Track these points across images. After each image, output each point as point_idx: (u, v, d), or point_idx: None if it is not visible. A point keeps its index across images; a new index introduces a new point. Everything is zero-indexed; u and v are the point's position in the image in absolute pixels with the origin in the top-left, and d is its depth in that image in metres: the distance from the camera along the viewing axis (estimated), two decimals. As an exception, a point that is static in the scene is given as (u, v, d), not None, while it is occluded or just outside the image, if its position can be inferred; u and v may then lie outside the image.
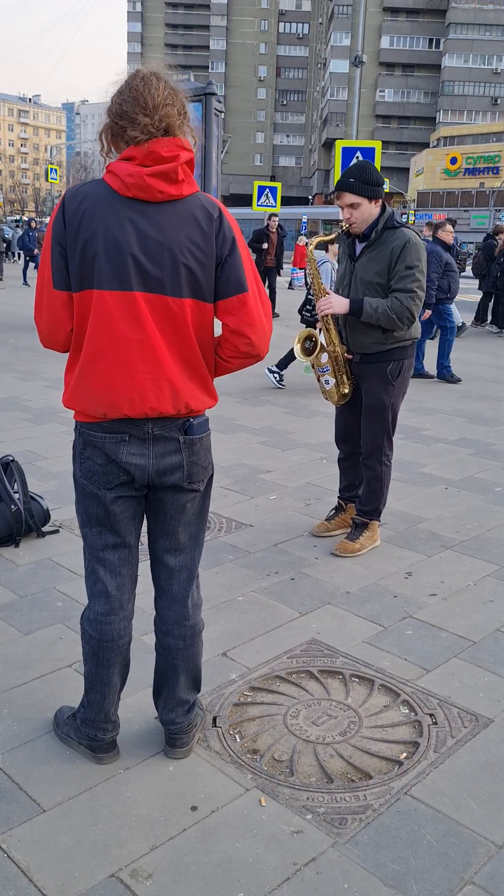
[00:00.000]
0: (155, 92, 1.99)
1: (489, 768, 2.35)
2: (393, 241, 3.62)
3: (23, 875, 1.93)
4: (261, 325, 2.11)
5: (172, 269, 2.01)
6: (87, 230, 1.98)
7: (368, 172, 3.62)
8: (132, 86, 2.00)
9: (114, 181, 2.00)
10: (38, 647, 2.97)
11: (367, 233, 3.69)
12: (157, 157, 1.98)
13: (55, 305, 2.07)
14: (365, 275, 3.71)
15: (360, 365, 3.83)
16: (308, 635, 3.10)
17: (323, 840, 2.06)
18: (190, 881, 1.92)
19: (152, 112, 1.98)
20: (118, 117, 2.01)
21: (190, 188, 2.05)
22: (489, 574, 3.73)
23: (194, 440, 2.16)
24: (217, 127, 11.94)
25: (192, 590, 2.32)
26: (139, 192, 1.99)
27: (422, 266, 3.62)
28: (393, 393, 3.80)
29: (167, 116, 1.99)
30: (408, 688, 2.75)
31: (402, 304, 3.58)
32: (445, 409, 7.39)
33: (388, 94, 77.10)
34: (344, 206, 3.65)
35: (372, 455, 3.90)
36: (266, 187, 19.02)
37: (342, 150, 10.78)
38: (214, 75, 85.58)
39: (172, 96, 2.02)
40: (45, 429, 6.25)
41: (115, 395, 2.03)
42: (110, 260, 1.98)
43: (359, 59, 12.56)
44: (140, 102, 1.98)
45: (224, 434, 6.13)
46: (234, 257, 2.08)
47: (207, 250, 2.04)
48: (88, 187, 2.03)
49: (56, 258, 2.04)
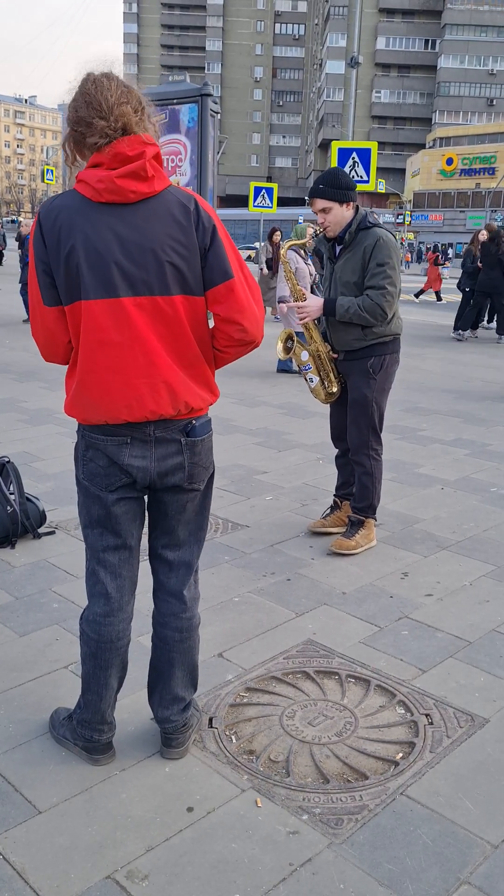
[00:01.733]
0: (107, 93, 1.97)
1: (485, 768, 2.35)
2: (365, 241, 3.75)
3: (18, 877, 1.92)
4: (251, 311, 2.10)
5: (157, 269, 2.01)
6: (66, 244, 1.97)
7: (337, 177, 3.77)
8: (84, 90, 1.99)
9: (85, 189, 1.99)
10: (34, 648, 2.97)
11: (342, 235, 3.81)
12: (123, 157, 1.97)
13: (48, 322, 2.08)
14: (343, 275, 3.85)
15: (344, 362, 3.95)
16: (304, 636, 3.10)
17: (319, 840, 2.06)
18: (186, 882, 1.92)
19: (107, 114, 1.96)
20: (76, 124, 2.00)
21: (162, 183, 2.03)
22: (485, 574, 3.73)
23: (196, 442, 2.16)
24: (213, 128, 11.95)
25: (191, 583, 2.33)
26: (112, 196, 1.97)
27: (392, 263, 3.74)
28: (375, 387, 3.89)
29: (122, 115, 1.97)
30: (404, 688, 2.75)
31: (373, 300, 3.70)
32: (441, 409, 7.40)
33: (384, 95, 77.21)
34: (317, 211, 3.80)
35: (359, 450, 3.96)
36: (262, 188, 19.04)
37: (338, 150, 10.79)
38: (210, 76, 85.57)
39: (126, 94, 2.00)
40: (41, 430, 6.24)
41: (113, 403, 2.03)
42: (93, 269, 1.97)
43: (355, 60, 12.59)
44: (94, 106, 1.96)
45: (220, 435, 6.13)
46: (216, 245, 2.07)
47: (189, 244, 2.03)
48: (61, 200, 2.02)
49: (41, 276, 2.03)
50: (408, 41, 76.03)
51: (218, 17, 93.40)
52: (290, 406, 7.38)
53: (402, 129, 78.08)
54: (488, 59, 72.95)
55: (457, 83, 73.91)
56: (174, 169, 12.43)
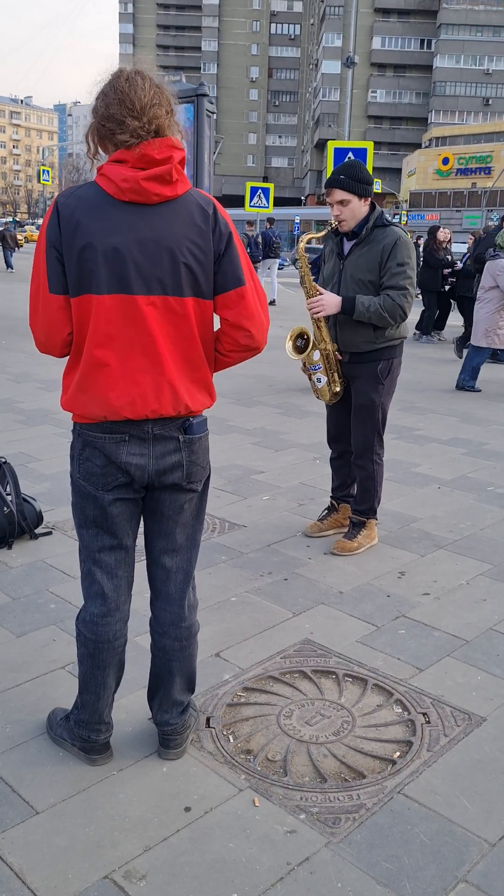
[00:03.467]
0: (141, 93, 1.96)
1: (482, 767, 2.35)
2: (383, 239, 3.65)
3: (16, 877, 1.92)
4: (259, 318, 2.12)
5: (172, 269, 2.01)
6: (83, 236, 1.96)
7: (358, 170, 3.65)
8: (117, 87, 1.97)
9: (108, 185, 1.98)
10: (31, 648, 2.96)
11: (357, 230, 3.71)
12: (149, 159, 1.96)
13: (51, 310, 2.05)
14: (356, 272, 3.73)
15: (350, 364, 3.85)
16: (301, 635, 3.11)
17: (316, 840, 2.06)
18: (184, 882, 1.92)
19: (140, 114, 1.95)
20: (105, 119, 1.98)
21: (184, 187, 2.04)
22: (482, 573, 3.74)
23: (194, 439, 2.16)
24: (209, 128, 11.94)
25: (189, 591, 2.32)
26: (135, 196, 1.97)
27: (412, 263, 3.67)
28: (383, 392, 3.83)
29: (156, 118, 1.97)
30: (401, 687, 2.76)
31: (395, 301, 3.61)
32: (438, 408, 7.41)
33: (379, 95, 77.25)
34: (334, 202, 3.67)
35: (363, 454, 3.92)
36: (258, 188, 19.05)
37: (334, 150, 10.81)
38: (206, 76, 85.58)
39: (159, 95, 1.99)
40: (37, 431, 6.24)
41: (117, 399, 2.03)
42: (109, 265, 1.97)
43: (350, 60, 12.60)
44: (126, 104, 1.95)
45: (217, 435, 6.13)
46: (231, 252, 2.08)
47: (205, 247, 2.04)
48: (82, 191, 2.01)
49: (52, 262, 2.01)
50: (403, 41, 76.08)
51: (213, 17, 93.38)
52: (286, 406, 7.38)
53: (398, 129, 78.12)
54: (484, 58, 73.01)
55: (452, 83, 73.96)
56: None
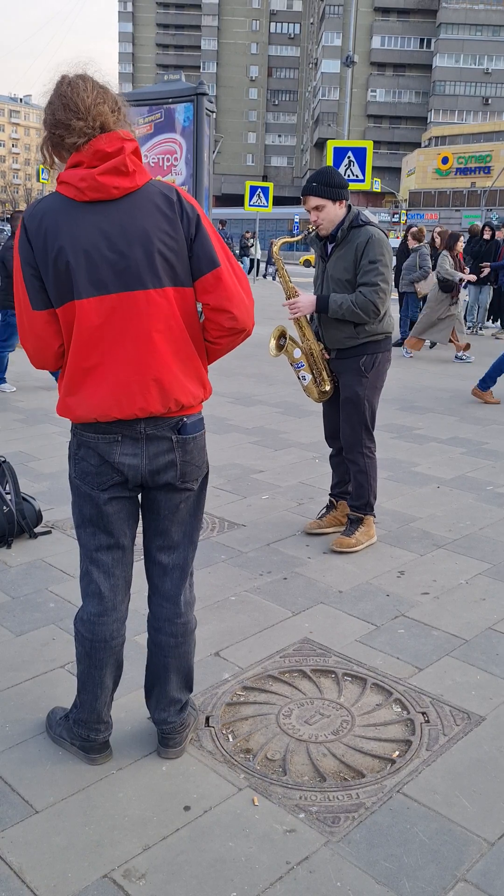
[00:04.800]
0: (84, 94, 1.97)
1: (481, 766, 2.36)
2: (357, 238, 3.76)
3: (15, 876, 1.92)
4: (239, 297, 2.11)
5: (148, 262, 2.01)
6: (53, 245, 1.97)
7: (330, 176, 3.78)
8: (60, 92, 1.99)
9: (68, 190, 1.99)
10: (31, 648, 2.96)
11: (335, 233, 3.82)
12: (102, 154, 1.97)
13: (38, 326, 2.06)
14: (335, 273, 3.85)
15: (336, 360, 3.96)
16: (300, 634, 3.11)
17: (316, 839, 2.06)
18: (183, 881, 1.92)
19: (85, 114, 1.96)
20: (54, 127, 1.99)
21: (143, 177, 2.04)
22: (481, 573, 3.74)
23: (187, 440, 2.16)
24: (208, 127, 11.93)
25: (185, 587, 2.33)
26: (95, 194, 1.98)
27: (385, 260, 3.75)
28: (367, 385, 3.90)
29: (100, 115, 1.98)
30: (400, 686, 2.76)
31: (366, 297, 3.71)
32: (437, 408, 7.41)
33: (379, 94, 77.25)
34: (310, 209, 3.81)
35: (353, 448, 3.98)
36: (258, 187, 19.04)
37: (334, 149, 10.79)
38: (206, 75, 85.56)
39: (102, 95, 2.00)
40: (37, 430, 6.24)
41: (103, 400, 2.03)
42: (83, 268, 1.97)
43: (350, 59, 12.58)
44: (71, 108, 1.96)
45: (216, 434, 6.13)
46: (201, 235, 2.08)
47: (175, 235, 2.04)
48: (45, 203, 2.02)
49: (30, 280, 2.02)
50: (403, 40, 76.06)
51: (213, 16, 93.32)
52: (285, 405, 7.38)
53: (398, 129, 78.11)
54: (483, 58, 73.01)
55: (452, 82, 73.94)
56: (169, 168, 12.41)
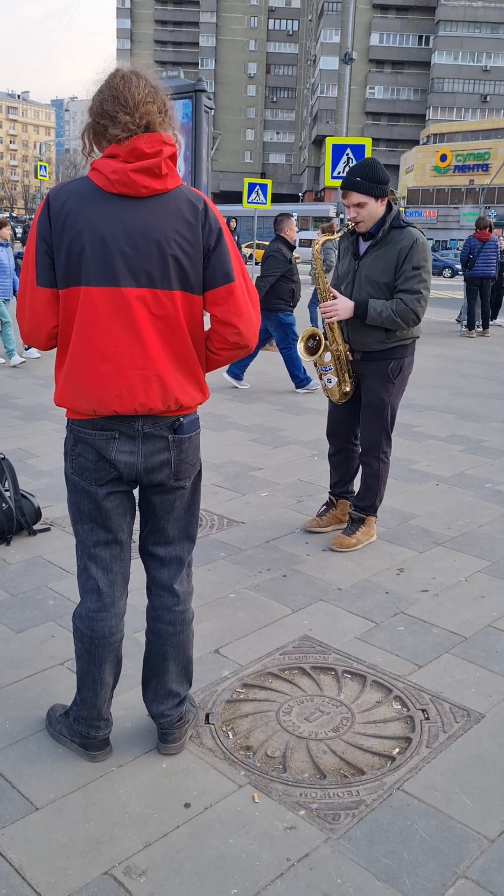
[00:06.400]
0: (135, 90, 2.00)
1: (481, 763, 2.36)
2: (400, 241, 3.61)
3: (15, 873, 1.92)
4: (248, 315, 2.13)
5: (160, 262, 2.02)
6: (72, 228, 1.98)
7: (374, 170, 3.59)
8: (112, 84, 2.01)
9: (98, 178, 2.01)
10: (30, 645, 2.96)
11: (374, 231, 3.67)
12: (139, 153, 1.99)
13: (38, 302, 2.07)
14: (371, 274, 3.69)
15: (361, 362, 3.83)
16: (300, 632, 3.11)
17: (316, 836, 2.06)
18: (183, 878, 1.92)
19: (133, 110, 1.99)
20: (99, 116, 2.02)
21: (174, 182, 2.05)
22: (480, 570, 3.74)
23: (183, 439, 2.17)
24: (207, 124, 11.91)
25: (183, 577, 2.33)
26: (124, 188, 1.99)
27: (428, 266, 3.63)
28: (393, 391, 3.81)
29: (147, 114, 2.00)
30: (400, 683, 2.76)
31: (407, 305, 3.58)
32: (436, 405, 7.41)
33: (377, 92, 77.18)
34: (350, 205, 3.62)
35: (370, 451, 3.92)
36: (256, 184, 18.99)
37: (332, 147, 10.77)
38: (204, 72, 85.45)
39: (153, 94, 2.03)
40: (35, 427, 6.23)
41: (104, 392, 2.03)
42: (97, 256, 1.98)
43: (349, 56, 12.56)
44: (120, 101, 1.99)
45: (215, 431, 6.13)
46: (221, 248, 2.09)
47: (194, 241, 2.05)
48: (73, 185, 2.04)
49: (41, 255, 2.04)
50: (401, 37, 75.99)
51: (211, 12, 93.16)
52: (284, 402, 7.38)
53: (396, 126, 78.05)
54: (482, 55, 72.93)
55: (450, 79, 73.88)
56: (168, 165, 12.41)
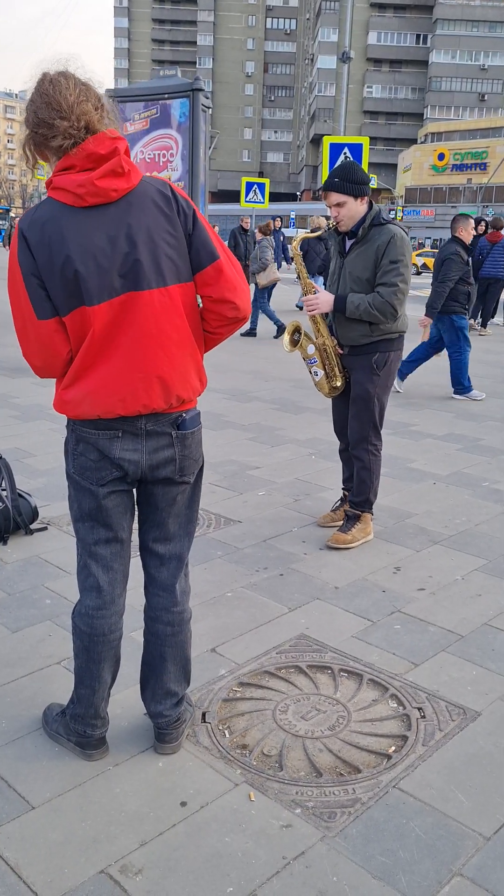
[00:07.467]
0: (66, 92, 1.94)
1: (477, 761, 2.36)
2: (379, 238, 3.74)
3: (12, 871, 1.93)
4: (241, 288, 2.15)
5: (154, 262, 2.02)
6: (59, 254, 1.95)
7: (353, 171, 3.74)
8: (42, 91, 1.95)
9: (65, 196, 1.96)
10: (27, 644, 2.96)
11: (355, 230, 3.80)
12: (96, 157, 1.95)
13: (45, 336, 2.04)
14: (354, 270, 3.83)
15: (349, 357, 3.95)
16: (297, 630, 3.11)
17: (312, 834, 2.07)
18: (180, 876, 1.92)
19: (68, 113, 1.93)
20: (36, 126, 1.96)
21: (137, 176, 2.03)
22: (477, 568, 3.74)
23: (186, 435, 2.17)
24: (204, 123, 11.90)
25: (181, 577, 2.33)
26: (94, 199, 1.96)
27: (405, 260, 3.74)
28: (379, 383, 3.90)
29: (84, 114, 1.94)
30: (396, 682, 2.76)
31: (384, 298, 3.70)
32: (433, 404, 7.41)
33: (375, 90, 77.21)
34: (331, 205, 3.77)
35: (359, 444, 3.98)
36: (254, 183, 19.01)
37: (330, 146, 10.79)
38: (202, 71, 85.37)
39: (85, 92, 1.97)
40: (33, 426, 6.23)
41: (108, 398, 2.04)
42: (93, 275, 1.96)
43: (346, 55, 12.58)
44: (53, 106, 1.93)
45: (212, 430, 6.13)
46: (199, 228, 2.10)
47: (176, 233, 2.05)
48: (42, 212, 1.99)
49: (34, 290, 2.00)
50: (399, 36, 76.02)
51: (209, 11, 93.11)
52: (282, 401, 7.38)
53: (394, 125, 78.10)
54: (479, 54, 73.01)
55: (448, 78, 73.94)
56: (165, 164, 12.38)
